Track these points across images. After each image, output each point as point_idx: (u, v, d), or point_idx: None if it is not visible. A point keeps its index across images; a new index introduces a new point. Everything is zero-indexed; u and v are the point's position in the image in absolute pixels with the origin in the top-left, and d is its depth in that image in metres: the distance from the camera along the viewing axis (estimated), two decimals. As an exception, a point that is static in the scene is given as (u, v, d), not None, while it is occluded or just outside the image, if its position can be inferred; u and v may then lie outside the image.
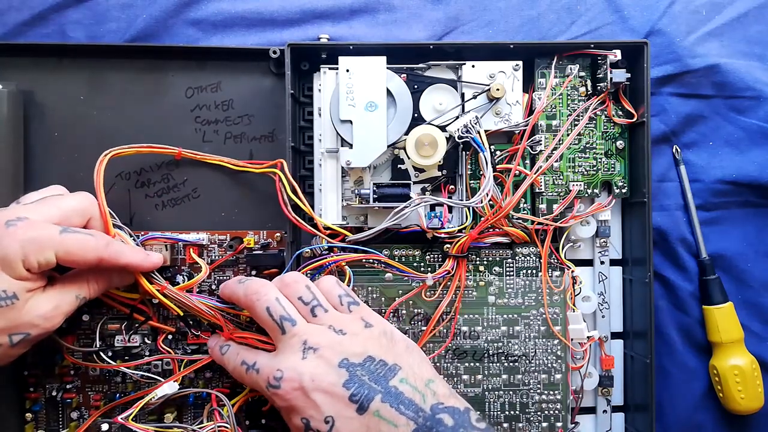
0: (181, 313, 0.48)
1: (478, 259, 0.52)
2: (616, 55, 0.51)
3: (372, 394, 0.39)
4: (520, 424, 0.52)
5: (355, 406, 0.39)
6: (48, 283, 0.43)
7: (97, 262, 0.43)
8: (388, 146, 0.50)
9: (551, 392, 0.52)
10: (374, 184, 0.50)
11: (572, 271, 0.52)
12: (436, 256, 0.52)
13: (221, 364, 0.47)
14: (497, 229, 0.52)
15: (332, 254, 0.50)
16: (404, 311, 0.52)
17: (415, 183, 0.51)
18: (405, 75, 0.51)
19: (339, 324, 0.43)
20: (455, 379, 0.52)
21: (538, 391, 0.52)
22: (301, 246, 0.51)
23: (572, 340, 0.53)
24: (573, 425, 0.53)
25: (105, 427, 0.50)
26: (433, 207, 0.51)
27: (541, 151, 0.52)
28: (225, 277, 0.52)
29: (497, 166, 0.52)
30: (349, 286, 0.50)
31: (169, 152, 0.51)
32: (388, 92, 0.50)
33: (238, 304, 0.47)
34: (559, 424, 0.52)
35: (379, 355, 0.42)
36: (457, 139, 0.49)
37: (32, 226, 0.41)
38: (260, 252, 0.52)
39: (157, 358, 0.50)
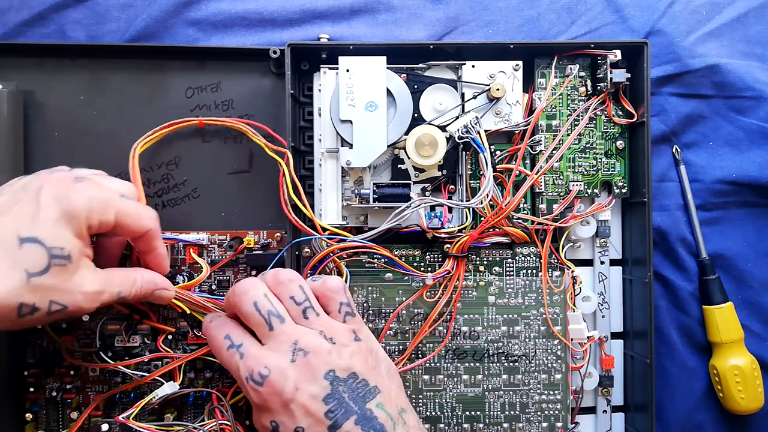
0: (188, 311, 0.48)
1: (478, 259, 0.52)
2: (616, 55, 0.51)
3: (348, 414, 0.39)
4: (520, 424, 0.52)
5: (329, 423, 0.39)
6: (98, 266, 0.43)
7: (143, 234, 0.44)
8: (388, 146, 0.50)
9: (551, 392, 0.52)
10: (374, 184, 0.50)
11: (572, 271, 0.52)
12: (436, 256, 0.52)
13: (206, 335, 0.45)
14: (497, 229, 0.52)
15: (336, 239, 0.49)
16: (404, 311, 0.52)
17: (415, 183, 0.51)
18: (405, 75, 0.51)
19: (330, 331, 0.42)
20: (455, 379, 0.52)
21: (538, 391, 0.52)
22: (302, 245, 0.51)
23: (572, 340, 0.53)
24: (573, 425, 0.53)
25: (105, 427, 0.50)
26: (433, 207, 0.51)
27: (541, 151, 0.52)
28: (225, 277, 0.52)
29: (497, 167, 0.52)
30: (345, 284, 0.50)
31: (191, 124, 0.51)
32: (388, 92, 0.50)
33: (229, 308, 0.45)
34: (559, 424, 0.52)
35: (362, 374, 0.41)
36: (457, 140, 0.49)
37: (98, 185, 0.42)
38: (260, 252, 0.52)
39: (157, 356, 0.50)
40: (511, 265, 0.53)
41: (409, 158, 0.49)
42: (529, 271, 0.52)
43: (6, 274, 0.36)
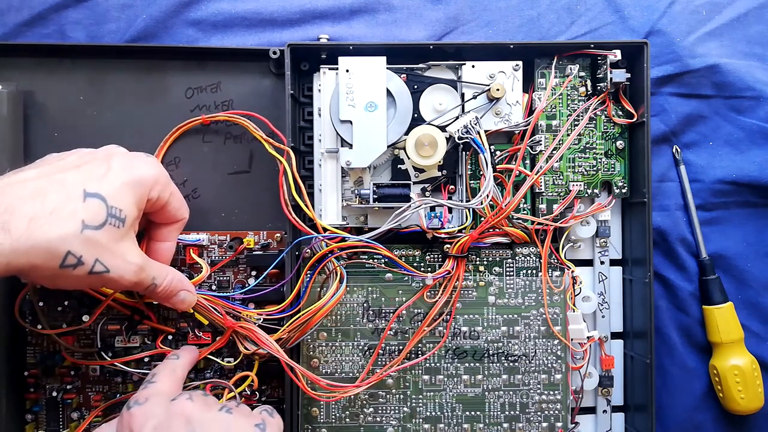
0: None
1: (478, 259, 0.52)
2: (616, 55, 0.51)
3: None
4: (520, 424, 0.52)
5: None
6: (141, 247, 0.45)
7: (176, 222, 0.47)
8: (388, 146, 0.50)
9: (551, 392, 0.52)
10: (374, 184, 0.50)
11: (572, 271, 0.52)
12: (436, 256, 0.52)
13: None
14: (497, 230, 0.52)
15: (337, 239, 0.49)
16: (404, 311, 0.52)
17: (415, 183, 0.51)
18: (405, 75, 0.51)
19: None
20: (455, 379, 0.52)
21: (538, 391, 0.52)
22: (302, 245, 0.51)
23: (572, 340, 0.53)
24: (573, 425, 0.53)
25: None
26: (433, 207, 0.51)
27: (541, 151, 0.52)
28: (225, 278, 0.52)
29: (497, 167, 0.52)
30: (341, 285, 0.50)
31: (195, 123, 0.52)
32: (388, 92, 0.50)
33: None
34: (559, 424, 0.52)
35: None
36: (457, 140, 0.49)
37: (160, 164, 0.46)
38: (260, 252, 0.52)
39: (155, 352, 0.50)
40: (511, 265, 0.53)
41: (409, 158, 0.49)
42: (529, 271, 0.52)
43: (63, 221, 0.37)
